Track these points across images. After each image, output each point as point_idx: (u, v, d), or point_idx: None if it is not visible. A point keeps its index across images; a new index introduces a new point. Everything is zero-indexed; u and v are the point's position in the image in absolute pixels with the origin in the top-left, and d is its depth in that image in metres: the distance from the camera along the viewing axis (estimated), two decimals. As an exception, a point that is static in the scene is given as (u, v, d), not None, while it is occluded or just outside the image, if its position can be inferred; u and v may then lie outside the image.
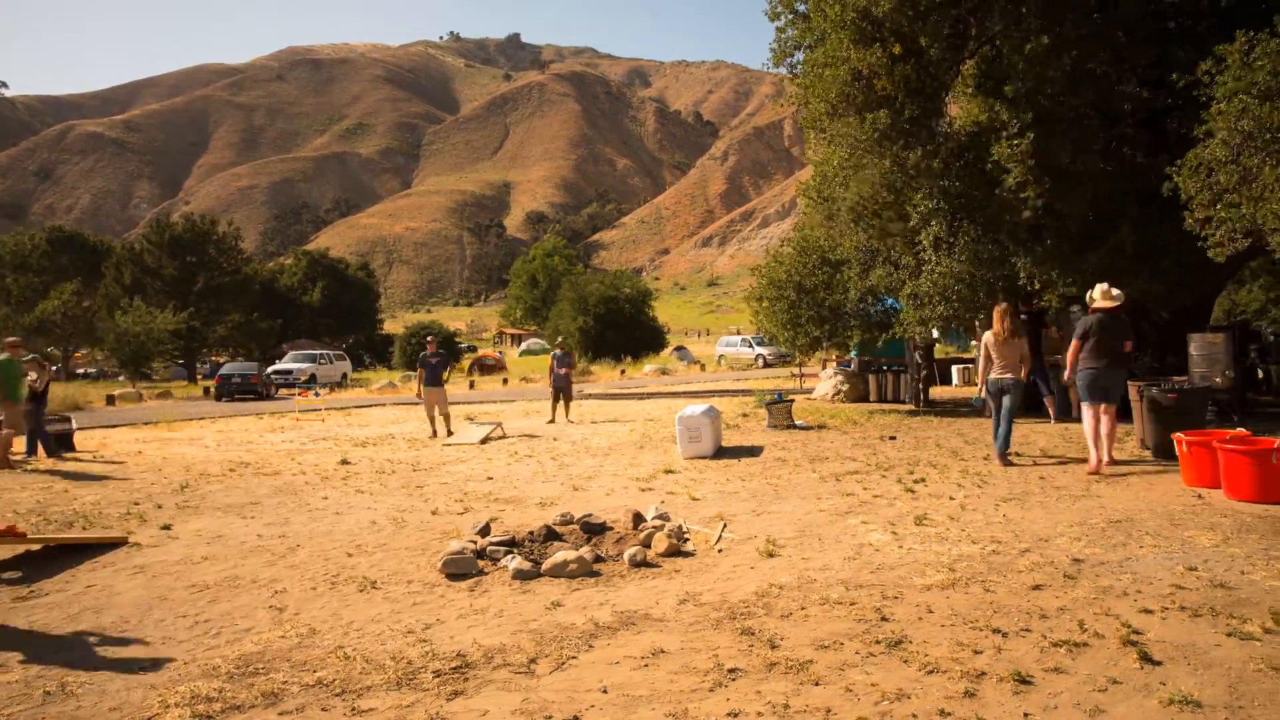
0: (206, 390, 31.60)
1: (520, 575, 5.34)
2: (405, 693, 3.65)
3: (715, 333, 75.87)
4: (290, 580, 5.55)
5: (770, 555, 5.66)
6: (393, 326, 75.29)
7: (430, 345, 14.82)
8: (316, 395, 23.29)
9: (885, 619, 4.30)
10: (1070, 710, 3.22)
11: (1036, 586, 4.72)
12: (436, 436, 14.08)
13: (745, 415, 15.04)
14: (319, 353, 39.11)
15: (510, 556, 5.66)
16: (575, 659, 3.97)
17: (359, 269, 66.44)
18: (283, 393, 29.98)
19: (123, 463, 11.83)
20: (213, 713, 3.52)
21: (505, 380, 35.73)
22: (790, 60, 13.61)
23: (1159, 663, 3.61)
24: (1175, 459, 7.60)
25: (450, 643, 4.25)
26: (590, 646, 4.12)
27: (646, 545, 5.86)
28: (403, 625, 4.56)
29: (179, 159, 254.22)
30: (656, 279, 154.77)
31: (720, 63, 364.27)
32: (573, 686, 3.65)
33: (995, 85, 11.84)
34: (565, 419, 16.15)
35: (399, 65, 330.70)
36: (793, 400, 14.55)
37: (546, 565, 5.44)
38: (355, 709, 3.50)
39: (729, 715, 3.30)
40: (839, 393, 17.55)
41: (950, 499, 7.25)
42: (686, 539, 6.11)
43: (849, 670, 3.68)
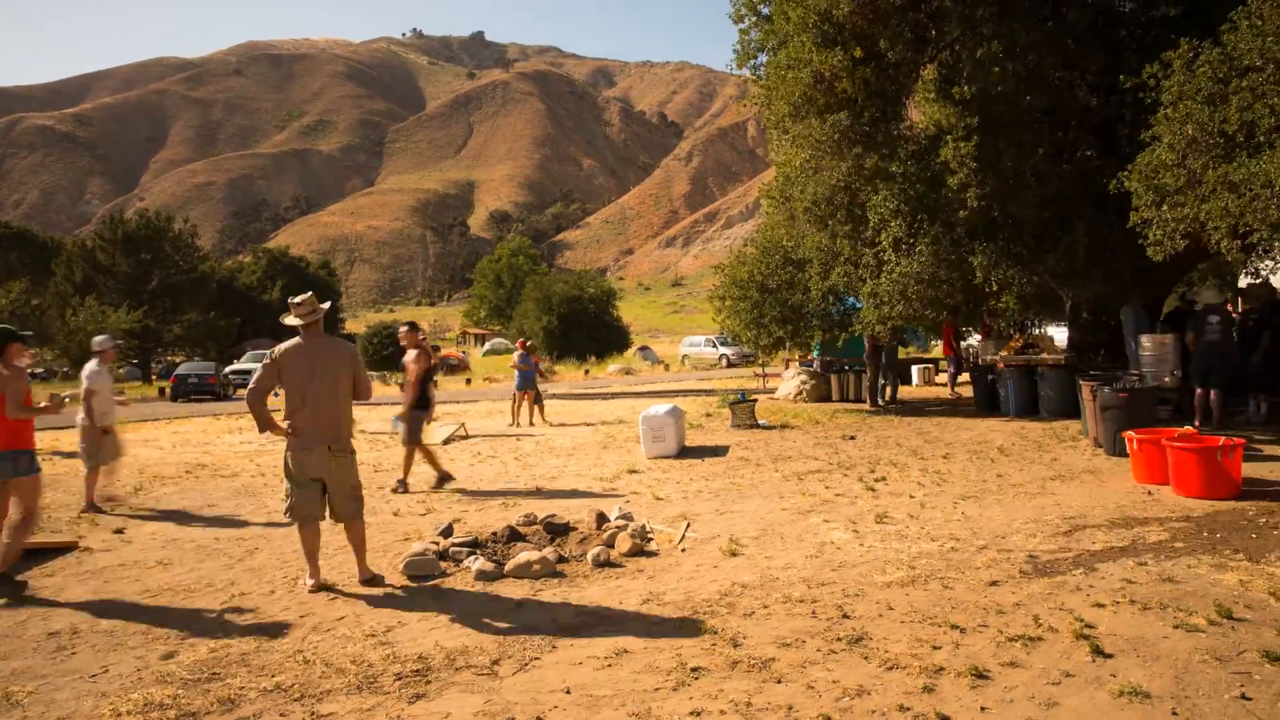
0: (162, 391, 30.92)
1: (483, 576, 5.31)
2: (366, 696, 3.61)
3: (679, 333, 76.10)
4: (248, 583, 5.46)
5: (733, 554, 5.69)
6: (354, 326, 74.43)
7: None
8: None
9: (846, 616, 4.36)
10: (1025, 703, 3.29)
11: (993, 583, 4.81)
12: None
13: (709, 415, 15.11)
14: (278, 352, 38.40)
15: (473, 558, 5.62)
16: (538, 660, 3.96)
17: (320, 267, 65.62)
18: (240, 393, 29.42)
19: (73, 464, 11.53)
20: (167, 720, 3.45)
21: (469, 380, 35.48)
22: (754, 62, 13.74)
23: (1110, 655, 3.70)
24: (1127, 456, 7.80)
25: (412, 645, 4.21)
26: (553, 647, 4.11)
27: (610, 545, 5.86)
28: (364, 628, 4.51)
29: (133, 154, 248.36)
30: (621, 279, 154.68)
31: (685, 63, 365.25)
32: (536, 687, 3.64)
33: (952, 90, 12.05)
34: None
35: (361, 62, 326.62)
36: (756, 400, 14.66)
37: (510, 566, 5.42)
38: (315, 713, 3.45)
39: (692, 714, 3.31)
40: (801, 392, 17.70)
41: (910, 497, 7.36)
42: (650, 539, 6.13)
43: (810, 667, 3.72)
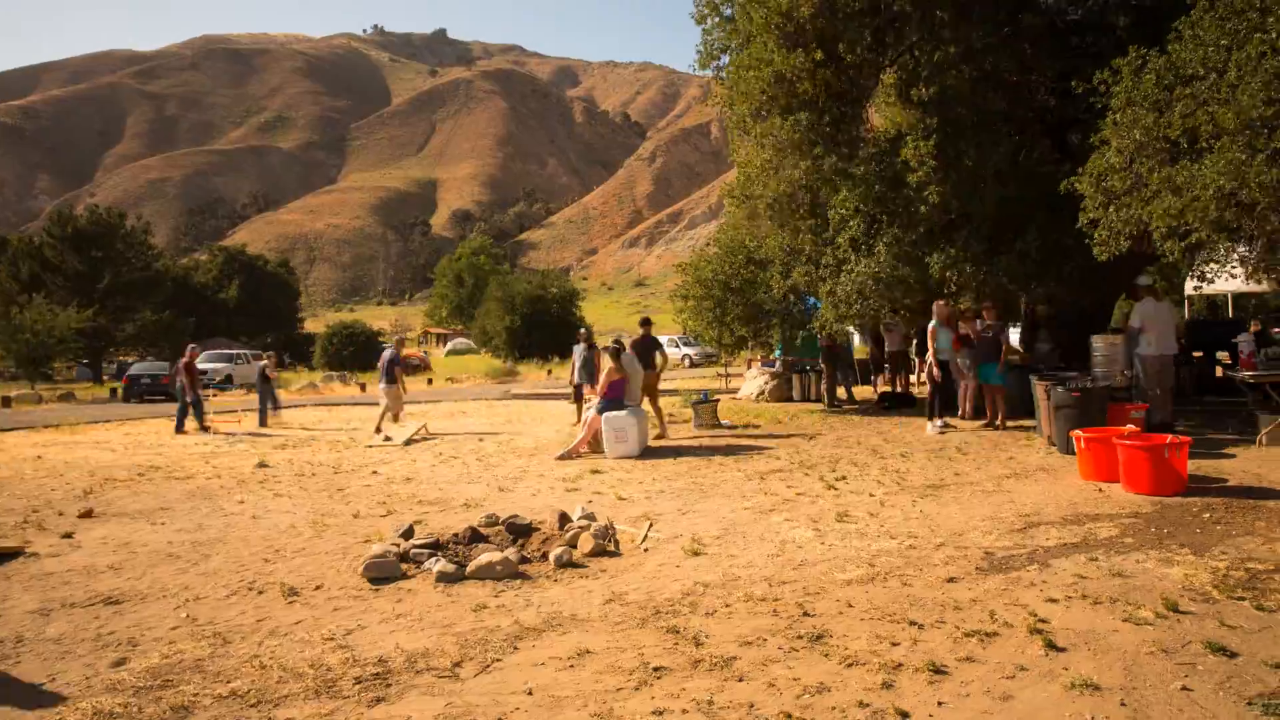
0: (114, 391, 30.17)
1: (444, 578, 5.27)
2: (324, 701, 3.56)
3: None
4: (203, 588, 5.36)
5: (695, 554, 5.72)
6: (314, 325, 73.32)
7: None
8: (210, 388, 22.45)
9: (807, 614, 4.40)
10: (981, 697, 3.35)
11: (951, 579, 4.89)
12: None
13: (671, 415, 15.14)
14: (236, 352, 37.75)
15: (434, 559, 5.57)
16: (500, 661, 3.94)
17: (279, 266, 64.46)
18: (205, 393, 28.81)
19: (18, 469, 11.21)
20: (118, 728, 3.37)
21: (430, 380, 35.15)
22: (716, 63, 13.80)
23: (1063, 649, 3.78)
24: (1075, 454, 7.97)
25: (372, 648, 4.17)
26: (515, 648, 4.09)
27: (573, 546, 5.85)
28: (322, 631, 4.45)
29: (83, 149, 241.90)
30: (584, 279, 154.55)
31: (648, 64, 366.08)
32: (497, 689, 3.62)
33: (911, 92, 12.24)
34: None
35: (320, 57, 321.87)
36: (718, 400, 14.72)
37: (471, 567, 5.38)
38: (271, 719, 3.40)
39: (654, 714, 3.32)
40: (763, 392, 17.83)
41: (871, 496, 7.45)
42: (613, 539, 6.13)
43: (772, 665, 3.75)
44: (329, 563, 5.87)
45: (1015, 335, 15.73)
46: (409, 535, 6.26)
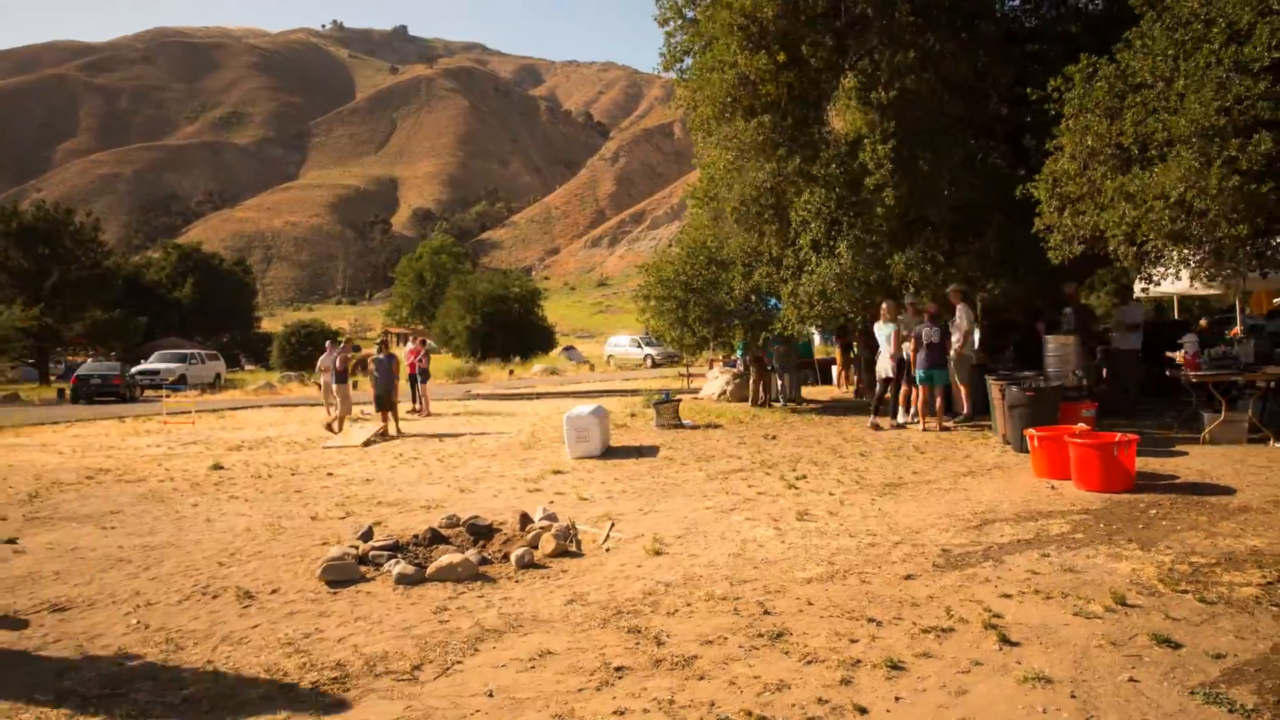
0: (61, 392, 29.35)
1: (404, 580, 5.22)
2: (281, 707, 3.51)
3: (605, 333, 76.02)
4: (155, 593, 5.24)
5: (657, 553, 5.73)
6: (271, 325, 72.08)
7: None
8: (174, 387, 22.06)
9: (768, 613, 4.44)
10: (937, 692, 3.41)
11: (909, 576, 4.96)
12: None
13: (633, 415, 15.15)
14: (189, 352, 36.95)
15: (394, 561, 5.52)
16: (460, 664, 3.92)
17: (234, 264, 63.31)
18: (148, 394, 28.17)
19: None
20: (65, 738, 3.29)
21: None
22: (680, 65, 13.85)
23: (1016, 643, 3.87)
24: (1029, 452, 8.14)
25: (330, 652, 4.11)
26: (476, 650, 4.07)
27: (534, 546, 5.83)
28: (279, 636, 4.38)
29: (28, 143, 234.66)
30: (546, 279, 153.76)
31: (611, 64, 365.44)
32: (458, 692, 3.60)
33: (871, 95, 12.40)
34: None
35: (278, 52, 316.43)
36: (680, 400, 14.76)
37: (431, 569, 5.34)
38: (226, 726, 3.34)
39: (615, 714, 3.33)
40: (725, 392, 17.91)
41: (830, 494, 7.53)
42: (574, 539, 6.12)
43: (732, 664, 3.77)
44: (285, 566, 5.78)
45: (977, 336, 15.98)
46: (368, 537, 6.19)
